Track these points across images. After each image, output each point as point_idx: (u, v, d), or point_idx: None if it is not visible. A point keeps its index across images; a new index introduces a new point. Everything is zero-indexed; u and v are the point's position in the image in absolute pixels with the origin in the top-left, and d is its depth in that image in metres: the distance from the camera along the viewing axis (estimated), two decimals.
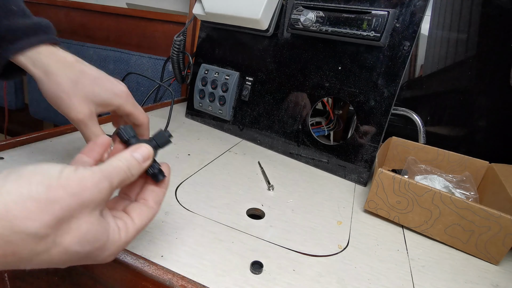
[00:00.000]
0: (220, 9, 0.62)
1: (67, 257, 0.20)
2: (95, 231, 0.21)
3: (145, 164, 0.25)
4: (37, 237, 0.18)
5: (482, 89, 0.65)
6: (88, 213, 0.20)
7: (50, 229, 0.18)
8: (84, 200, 0.20)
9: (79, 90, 0.33)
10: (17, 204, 0.17)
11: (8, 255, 0.17)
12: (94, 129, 0.34)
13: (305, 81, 0.59)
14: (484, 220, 0.38)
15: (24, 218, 0.17)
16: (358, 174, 0.56)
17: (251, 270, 0.31)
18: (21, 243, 0.17)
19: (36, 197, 0.18)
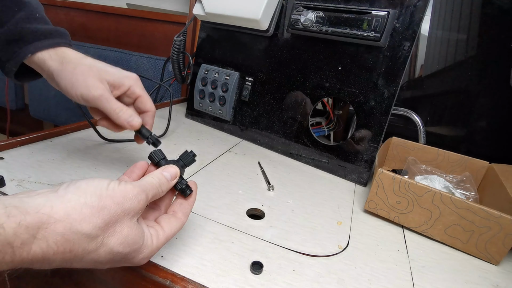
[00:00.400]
0: (220, 9, 0.62)
1: (111, 257, 0.23)
2: (133, 235, 0.24)
3: (173, 182, 0.30)
4: (90, 237, 0.22)
5: (482, 89, 0.65)
6: (129, 219, 0.24)
7: (100, 231, 0.22)
8: (126, 208, 0.24)
9: (93, 72, 0.36)
10: (75, 210, 0.21)
11: (67, 252, 0.21)
12: (114, 104, 0.37)
13: (305, 81, 0.59)
14: (484, 221, 0.38)
15: (81, 221, 0.21)
16: (358, 174, 0.56)
17: (251, 270, 0.31)
18: (77, 242, 0.21)
19: (90, 204, 0.22)
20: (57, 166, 0.44)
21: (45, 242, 0.20)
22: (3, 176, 0.37)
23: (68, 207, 0.21)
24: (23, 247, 0.19)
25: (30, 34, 0.36)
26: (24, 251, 0.19)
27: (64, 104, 1.32)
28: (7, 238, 0.18)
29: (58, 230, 0.20)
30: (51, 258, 0.20)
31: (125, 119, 0.38)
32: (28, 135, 0.50)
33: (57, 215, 0.21)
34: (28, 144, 0.49)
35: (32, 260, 0.20)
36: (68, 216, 0.21)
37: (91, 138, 0.55)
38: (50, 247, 0.20)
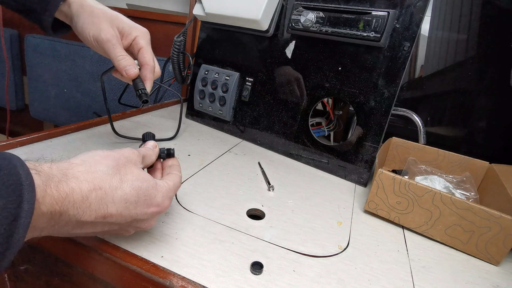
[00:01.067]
0: (220, 9, 0.62)
1: (136, 193, 0.27)
2: (144, 174, 0.29)
3: (156, 149, 0.35)
4: (109, 174, 0.26)
5: (482, 90, 0.65)
6: (133, 164, 0.29)
7: (114, 169, 0.26)
8: (127, 157, 0.29)
9: (107, 17, 0.40)
10: (88, 157, 0.26)
11: (97, 188, 0.24)
12: (119, 51, 0.40)
13: (305, 81, 0.59)
14: (484, 221, 0.38)
15: (95, 163, 0.26)
16: (358, 175, 0.56)
17: (251, 271, 0.31)
18: (101, 178, 0.25)
19: (97, 154, 0.27)
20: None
21: (77, 179, 0.23)
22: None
23: (81, 157, 0.26)
24: (60, 182, 0.22)
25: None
26: (63, 185, 0.22)
27: (64, 105, 1.32)
28: (46, 174, 0.22)
29: (81, 169, 0.24)
30: (88, 196, 0.24)
31: (123, 66, 0.40)
32: (28, 135, 0.50)
33: (76, 161, 0.25)
34: (28, 145, 0.49)
35: (74, 199, 0.23)
36: (84, 162, 0.25)
37: (91, 139, 0.55)
38: (82, 183, 0.23)
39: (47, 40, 1.27)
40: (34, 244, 0.36)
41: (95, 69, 1.21)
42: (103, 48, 0.40)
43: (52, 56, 1.27)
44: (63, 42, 1.25)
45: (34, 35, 1.31)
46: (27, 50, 1.32)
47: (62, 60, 1.26)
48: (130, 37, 0.41)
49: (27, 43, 1.31)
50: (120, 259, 0.30)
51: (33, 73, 1.34)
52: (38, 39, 1.29)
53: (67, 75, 1.27)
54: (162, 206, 0.30)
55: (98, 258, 0.32)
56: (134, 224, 0.29)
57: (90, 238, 0.32)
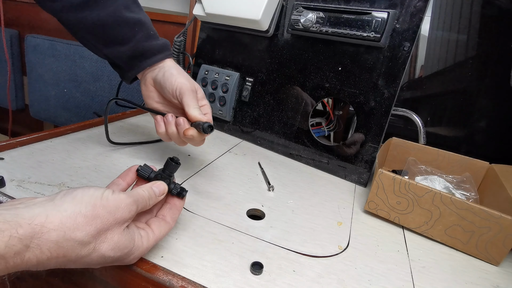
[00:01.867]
0: (220, 10, 0.62)
1: (103, 260, 0.25)
2: (124, 240, 0.26)
3: (160, 197, 0.32)
4: (83, 243, 0.23)
5: (482, 90, 0.65)
6: (119, 227, 0.26)
7: (92, 238, 0.24)
8: (117, 218, 0.26)
9: (184, 76, 0.44)
10: (70, 219, 0.23)
11: (60, 257, 0.22)
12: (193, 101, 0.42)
13: (305, 81, 0.59)
14: (484, 221, 0.38)
15: (74, 229, 0.23)
16: (358, 175, 0.56)
17: (251, 271, 0.31)
18: (70, 248, 0.23)
19: (84, 214, 0.24)
20: (57, 167, 0.44)
21: (39, 249, 0.21)
22: (3, 177, 0.37)
23: (63, 217, 0.23)
24: (16, 256, 0.20)
25: (148, 52, 0.44)
26: (18, 259, 0.20)
27: (64, 105, 1.32)
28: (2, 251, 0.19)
29: (51, 238, 0.22)
30: (45, 263, 0.22)
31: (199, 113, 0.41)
32: (28, 135, 0.50)
33: (52, 224, 0.22)
34: (28, 145, 0.49)
35: (26, 265, 0.21)
36: (62, 225, 0.22)
37: (91, 139, 0.55)
38: (43, 254, 0.21)
39: (47, 40, 1.27)
40: None
41: (95, 69, 1.21)
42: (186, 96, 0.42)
43: (52, 56, 1.27)
44: (63, 42, 1.25)
45: (34, 35, 1.31)
46: (27, 50, 1.32)
47: (62, 60, 1.26)
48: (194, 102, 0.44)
49: (27, 43, 1.31)
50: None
51: (33, 73, 1.34)
52: (38, 39, 1.29)
53: (67, 75, 1.27)
54: (127, 263, 0.29)
55: None
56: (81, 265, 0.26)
57: None
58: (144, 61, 0.45)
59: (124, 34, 0.43)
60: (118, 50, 0.44)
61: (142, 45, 0.44)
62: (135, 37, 0.43)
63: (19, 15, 1.42)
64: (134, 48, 0.44)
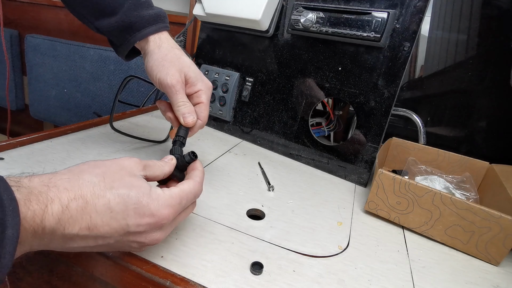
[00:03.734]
0: (220, 10, 0.62)
1: (122, 200, 0.24)
2: (135, 181, 0.26)
3: (172, 161, 0.33)
4: (92, 182, 0.24)
5: (482, 90, 0.65)
6: (126, 172, 0.26)
7: (100, 177, 0.25)
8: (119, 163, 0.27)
9: (179, 63, 0.40)
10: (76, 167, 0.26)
11: (78, 197, 0.23)
12: (181, 97, 0.40)
13: (305, 81, 0.59)
14: (484, 221, 0.38)
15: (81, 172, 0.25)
16: (358, 175, 0.56)
17: (251, 271, 0.31)
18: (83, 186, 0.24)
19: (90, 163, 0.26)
20: (57, 167, 0.44)
21: (56, 188, 0.22)
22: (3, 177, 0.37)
23: (71, 167, 0.25)
24: (40, 194, 0.21)
25: (138, 22, 0.40)
26: (43, 197, 0.21)
27: (64, 105, 1.32)
28: (25, 188, 0.21)
29: (64, 177, 0.23)
30: (68, 206, 0.22)
31: (182, 112, 0.40)
32: (28, 135, 0.50)
33: (62, 171, 0.25)
34: (28, 145, 0.49)
35: (53, 210, 0.21)
36: (70, 171, 0.24)
37: (91, 139, 0.55)
38: (61, 192, 0.22)
39: (47, 40, 1.27)
40: None
41: (95, 69, 1.21)
42: (166, 91, 0.40)
43: (52, 56, 1.27)
44: (63, 42, 1.25)
45: (34, 35, 1.31)
46: (27, 50, 1.32)
47: (62, 60, 1.26)
48: (194, 88, 0.41)
49: (27, 43, 1.31)
50: (120, 259, 0.30)
51: (33, 73, 1.34)
52: (38, 39, 1.29)
53: (67, 75, 1.27)
54: (158, 216, 0.26)
55: (98, 258, 0.32)
56: (130, 238, 0.26)
57: None
58: (134, 35, 0.41)
59: (112, 2, 0.39)
60: (107, 22, 0.41)
61: (130, 15, 0.40)
62: (124, 7, 0.40)
63: (19, 15, 1.42)
64: (122, 19, 0.40)
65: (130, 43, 0.42)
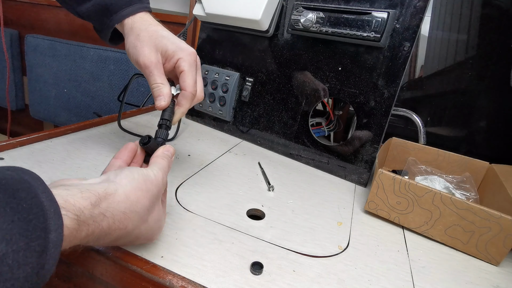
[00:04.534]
0: (220, 10, 0.62)
1: (146, 232, 0.28)
2: (161, 213, 0.30)
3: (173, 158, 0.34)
4: (140, 216, 0.26)
5: (482, 90, 0.65)
6: (158, 200, 0.29)
7: (147, 211, 0.27)
8: (160, 190, 0.29)
9: (152, 41, 0.39)
10: (132, 193, 0.25)
11: (122, 228, 0.25)
12: (157, 77, 0.38)
13: (305, 81, 0.59)
14: (484, 221, 0.38)
15: (136, 203, 0.26)
16: (358, 175, 0.56)
17: (251, 271, 0.31)
18: (132, 219, 0.25)
19: (140, 188, 0.26)
20: (57, 167, 0.44)
21: (112, 219, 0.23)
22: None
23: (126, 191, 0.25)
24: (95, 223, 0.22)
25: (114, 4, 0.40)
26: (96, 226, 0.22)
27: (64, 105, 1.32)
28: (84, 219, 0.21)
29: (121, 208, 0.24)
30: (111, 232, 0.24)
31: (155, 95, 0.38)
32: (28, 135, 0.50)
33: (119, 197, 0.24)
34: (28, 145, 0.49)
35: (98, 235, 0.23)
36: (127, 198, 0.25)
37: (91, 139, 0.55)
38: (114, 224, 0.24)
39: (47, 40, 1.27)
40: None
41: (95, 69, 1.21)
42: (143, 72, 0.39)
43: (52, 56, 1.27)
44: (63, 42, 1.25)
45: (34, 35, 1.31)
46: (27, 50, 1.32)
47: (62, 60, 1.26)
48: (173, 60, 0.39)
49: (27, 43, 1.31)
50: (120, 259, 0.30)
51: (33, 73, 1.34)
52: (38, 39, 1.29)
53: (67, 75, 1.27)
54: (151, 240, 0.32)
55: (98, 258, 0.32)
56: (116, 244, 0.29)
57: None
58: (111, 18, 0.40)
59: None
60: (86, 7, 0.40)
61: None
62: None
63: (19, 15, 1.42)
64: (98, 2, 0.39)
65: (109, 27, 0.41)
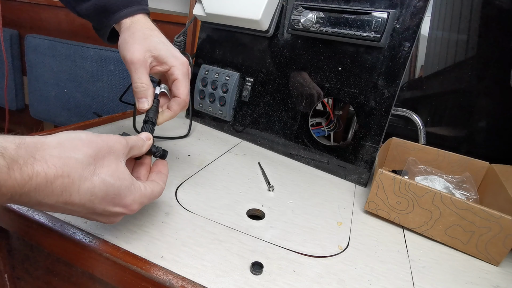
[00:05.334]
0: (220, 10, 0.62)
1: (105, 189, 0.26)
2: (122, 170, 0.27)
3: (149, 142, 0.34)
4: (83, 163, 0.24)
5: (482, 90, 0.65)
6: (115, 157, 0.27)
7: (91, 159, 0.25)
8: (111, 146, 0.27)
9: (144, 42, 0.39)
10: (67, 141, 0.24)
11: (65, 175, 0.23)
12: (142, 76, 0.38)
13: (305, 81, 0.59)
14: (484, 221, 0.38)
15: (73, 149, 0.24)
16: (358, 175, 0.56)
17: (251, 271, 0.31)
18: (72, 166, 0.23)
19: (79, 137, 0.25)
20: None
21: (45, 163, 0.22)
22: None
23: (61, 139, 0.24)
24: (26, 165, 0.21)
25: (112, 4, 0.40)
26: (28, 168, 0.21)
27: (64, 105, 1.32)
28: (10, 156, 0.21)
29: (53, 153, 0.23)
30: (53, 182, 0.22)
31: (137, 96, 0.39)
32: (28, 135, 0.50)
33: (51, 143, 0.24)
34: None
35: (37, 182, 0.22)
36: (61, 145, 0.24)
37: None
38: (49, 168, 0.22)
39: (47, 40, 1.27)
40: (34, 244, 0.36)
41: (95, 69, 1.21)
42: (128, 68, 0.39)
43: (52, 56, 1.27)
44: (63, 42, 1.25)
45: (34, 35, 1.31)
46: (27, 50, 1.32)
47: (62, 60, 1.26)
48: (165, 66, 0.40)
49: (27, 43, 1.31)
50: (120, 259, 0.30)
51: (33, 73, 1.34)
52: (38, 39, 1.29)
53: (67, 75, 1.27)
54: (129, 209, 0.28)
55: (98, 258, 0.32)
56: (93, 216, 0.28)
57: (90, 238, 0.32)
58: (110, 17, 0.41)
59: None
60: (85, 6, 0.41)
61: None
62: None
63: (19, 15, 1.42)
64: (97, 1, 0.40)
65: (107, 26, 0.42)
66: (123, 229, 0.34)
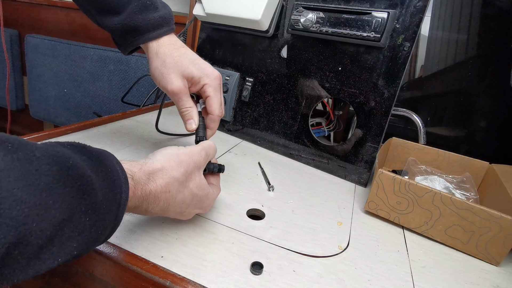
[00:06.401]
0: (220, 10, 0.62)
1: (191, 198, 0.33)
2: (203, 182, 0.34)
3: (215, 148, 0.39)
4: (179, 180, 0.31)
5: (482, 90, 0.65)
6: (198, 170, 0.34)
7: (184, 176, 0.32)
8: (195, 161, 0.33)
9: (178, 67, 0.41)
10: (166, 164, 0.31)
11: (167, 191, 0.30)
12: (186, 102, 0.42)
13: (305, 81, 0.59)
14: (484, 221, 0.38)
15: (172, 170, 0.31)
16: (358, 175, 0.56)
17: (251, 271, 0.31)
18: (172, 184, 0.31)
19: (173, 159, 0.32)
20: None
21: (155, 182, 0.29)
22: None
23: (161, 160, 0.31)
24: (145, 185, 0.29)
25: (142, 26, 0.41)
26: (146, 188, 0.29)
27: (64, 105, 1.32)
28: (136, 179, 0.28)
29: (159, 175, 0.30)
30: (159, 196, 0.30)
31: (185, 119, 0.42)
32: (28, 135, 0.50)
33: (157, 166, 0.30)
34: None
35: (149, 197, 0.29)
36: (163, 168, 0.30)
37: (91, 139, 0.55)
38: (158, 186, 0.29)
39: (47, 40, 1.28)
40: None
41: (95, 69, 1.21)
42: (171, 98, 0.42)
43: (52, 56, 1.27)
44: (63, 42, 1.25)
45: (34, 35, 1.31)
46: (27, 50, 1.32)
47: (62, 60, 1.26)
48: (199, 85, 0.42)
49: (27, 43, 1.31)
50: (120, 259, 0.30)
51: (33, 73, 1.34)
52: (38, 39, 1.29)
53: (67, 75, 1.27)
54: (205, 210, 0.36)
55: (98, 258, 0.32)
56: (177, 215, 0.34)
57: None
58: (137, 37, 0.41)
59: (117, 1, 0.39)
60: (111, 21, 0.41)
61: (134, 19, 0.40)
62: (128, 7, 0.40)
63: (19, 15, 1.42)
64: (126, 21, 0.40)
65: (133, 44, 0.43)
66: (123, 229, 0.34)
